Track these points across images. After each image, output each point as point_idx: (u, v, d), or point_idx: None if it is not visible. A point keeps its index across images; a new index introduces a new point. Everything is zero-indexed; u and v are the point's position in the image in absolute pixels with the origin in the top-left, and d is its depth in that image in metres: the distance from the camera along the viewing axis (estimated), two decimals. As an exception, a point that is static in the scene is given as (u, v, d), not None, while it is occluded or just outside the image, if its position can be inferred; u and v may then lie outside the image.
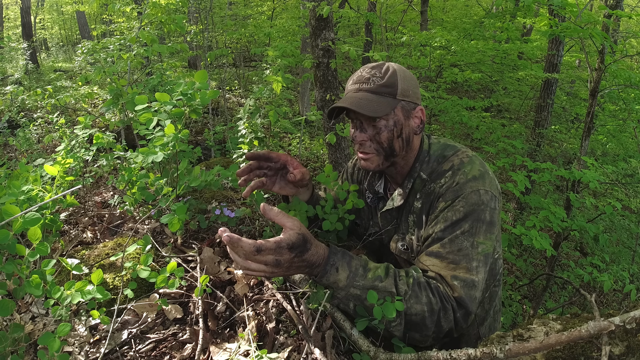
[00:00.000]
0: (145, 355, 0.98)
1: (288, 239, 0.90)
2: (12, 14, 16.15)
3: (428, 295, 0.97)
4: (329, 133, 1.87)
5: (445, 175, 1.11)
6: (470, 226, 1.03)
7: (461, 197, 1.05)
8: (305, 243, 0.92)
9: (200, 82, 1.30)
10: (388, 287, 0.95)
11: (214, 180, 1.39)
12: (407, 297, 0.96)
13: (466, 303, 0.98)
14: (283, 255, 0.90)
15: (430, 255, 1.06)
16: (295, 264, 0.92)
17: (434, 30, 4.60)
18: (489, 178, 1.10)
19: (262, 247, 0.87)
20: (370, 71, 1.14)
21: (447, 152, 1.17)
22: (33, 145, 2.79)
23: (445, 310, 0.98)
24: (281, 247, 0.89)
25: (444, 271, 1.02)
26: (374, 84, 1.12)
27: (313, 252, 0.94)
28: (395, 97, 1.12)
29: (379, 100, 1.10)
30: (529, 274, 4.59)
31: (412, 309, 0.96)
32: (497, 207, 1.08)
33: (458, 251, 1.02)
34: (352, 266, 0.97)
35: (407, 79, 1.15)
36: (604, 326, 0.67)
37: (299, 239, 0.91)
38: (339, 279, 0.96)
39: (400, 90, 1.12)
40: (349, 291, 0.96)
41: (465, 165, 1.11)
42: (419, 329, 0.97)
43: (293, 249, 0.90)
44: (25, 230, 0.90)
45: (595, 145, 6.01)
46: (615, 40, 5.86)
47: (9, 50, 7.83)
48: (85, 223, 1.62)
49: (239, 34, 5.34)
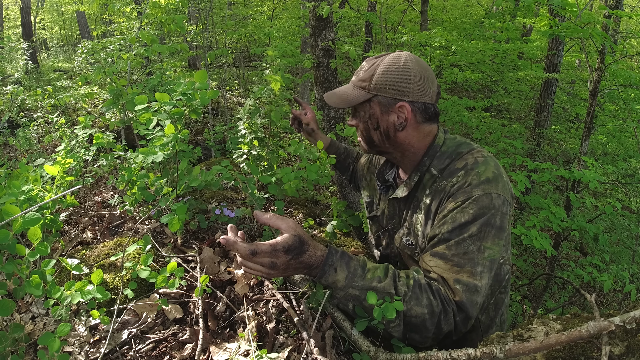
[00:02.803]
0: (145, 355, 0.98)
1: (284, 242, 0.90)
2: (12, 14, 16.14)
3: (429, 297, 0.96)
4: (329, 133, 1.87)
5: (458, 174, 1.09)
6: (478, 230, 1.01)
7: (472, 199, 1.03)
8: (302, 245, 0.92)
9: (200, 82, 1.30)
10: (387, 288, 0.95)
11: (214, 180, 1.39)
12: (406, 298, 0.95)
13: (467, 307, 0.98)
14: (279, 258, 0.90)
15: (435, 256, 1.04)
16: (293, 266, 0.92)
17: (434, 30, 4.60)
18: (502, 181, 1.07)
19: (257, 250, 0.88)
20: (364, 65, 1.19)
21: (461, 149, 1.15)
22: (33, 145, 2.79)
23: (446, 313, 0.97)
24: (277, 250, 0.89)
25: (447, 274, 1.01)
26: (356, 77, 1.19)
27: (311, 254, 0.94)
28: (369, 91, 1.15)
29: (352, 93, 1.18)
30: (529, 274, 4.59)
31: (413, 311, 0.95)
32: (508, 211, 1.06)
33: (464, 254, 1.00)
34: (350, 267, 0.97)
35: (396, 74, 1.11)
36: (604, 326, 0.67)
37: (295, 240, 0.91)
38: (338, 279, 0.95)
39: (374, 85, 1.13)
40: (348, 292, 0.95)
41: (479, 165, 1.08)
42: (418, 330, 0.97)
43: (289, 251, 0.90)
44: (25, 230, 0.90)
45: (595, 145, 6.01)
46: (615, 40, 5.86)
47: (9, 50, 7.82)
48: (85, 223, 1.62)
49: (239, 34, 5.33)
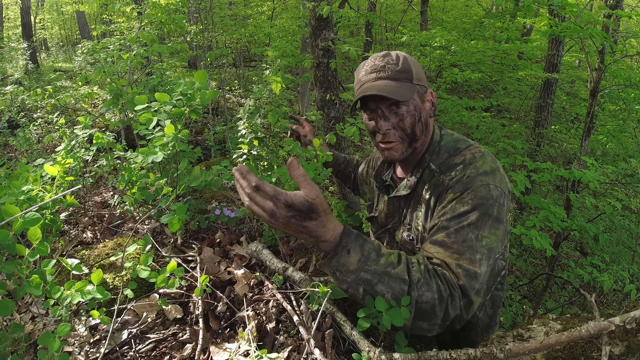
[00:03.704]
0: (145, 355, 0.98)
1: (289, 196, 0.86)
2: (12, 14, 16.13)
3: (437, 282, 0.96)
4: (329, 133, 1.87)
5: (456, 168, 1.11)
6: (477, 219, 1.02)
7: (470, 190, 1.05)
8: (309, 211, 0.87)
9: (200, 82, 1.31)
10: (401, 274, 0.93)
11: (214, 180, 1.39)
12: (419, 284, 0.93)
13: (468, 292, 0.98)
14: (279, 209, 0.85)
15: (435, 244, 1.05)
16: (294, 226, 0.88)
17: (434, 30, 4.60)
18: (499, 175, 1.10)
19: (262, 187, 0.84)
20: (383, 59, 1.15)
21: (459, 145, 1.18)
22: (33, 145, 2.79)
23: (452, 297, 0.96)
24: (278, 199, 0.85)
25: (448, 259, 1.01)
26: (391, 71, 1.13)
27: (318, 224, 0.89)
28: (412, 81, 1.14)
29: (402, 86, 1.12)
30: (529, 274, 4.59)
31: (424, 297, 0.93)
32: (505, 204, 1.07)
33: (463, 242, 1.01)
34: (364, 250, 0.94)
35: (416, 64, 1.17)
36: (604, 326, 0.67)
37: (303, 203, 0.86)
38: (350, 261, 0.92)
39: (415, 75, 1.14)
40: (359, 275, 0.92)
41: (477, 160, 1.11)
42: (428, 317, 0.95)
43: (291, 208, 0.85)
44: (25, 230, 0.90)
45: (595, 145, 6.01)
46: (615, 40, 5.86)
47: (9, 50, 7.82)
48: (85, 223, 1.62)
49: (239, 34, 5.33)
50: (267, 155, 1.77)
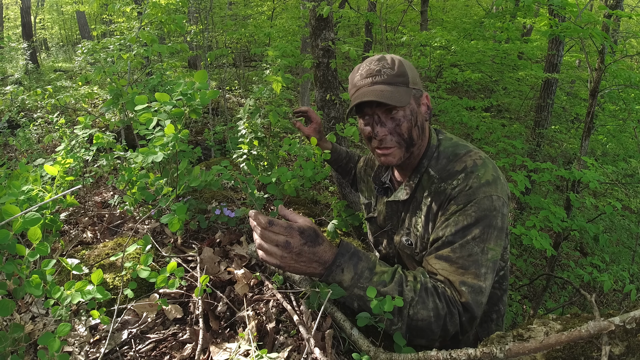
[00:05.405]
0: (145, 355, 0.98)
1: (299, 225, 0.95)
2: (12, 14, 16.13)
3: (434, 300, 0.97)
4: (329, 133, 1.87)
5: (458, 177, 1.10)
6: (481, 232, 1.03)
7: (474, 202, 1.05)
8: (316, 236, 0.96)
9: (200, 82, 1.30)
10: (390, 293, 0.96)
11: (214, 180, 1.39)
12: (413, 303, 0.96)
13: (472, 308, 0.99)
14: (293, 237, 0.93)
15: (440, 259, 1.05)
16: (306, 254, 0.94)
17: (434, 30, 4.59)
18: (500, 183, 1.09)
19: (275, 222, 0.92)
20: (378, 63, 1.13)
21: (459, 150, 1.16)
22: (33, 145, 2.79)
23: (451, 315, 0.98)
24: (292, 229, 0.93)
25: (452, 276, 1.02)
26: (387, 75, 1.11)
27: (325, 249, 0.97)
28: (408, 85, 1.12)
29: (398, 90, 1.10)
30: (529, 274, 4.59)
31: (419, 315, 0.96)
32: (507, 212, 1.09)
33: (468, 256, 1.02)
34: (358, 268, 0.99)
35: (411, 67, 1.17)
36: (604, 326, 0.67)
37: (310, 229, 0.95)
38: (344, 279, 0.98)
39: (410, 79, 1.13)
40: (353, 291, 0.98)
41: (479, 168, 1.09)
42: (425, 334, 0.98)
43: (303, 234, 0.94)
44: (25, 230, 0.90)
45: (595, 145, 6.01)
46: (615, 40, 5.85)
47: (9, 50, 7.82)
48: (85, 223, 1.62)
49: (239, 34, 5.32)
50: (267, 155, 1.77)
